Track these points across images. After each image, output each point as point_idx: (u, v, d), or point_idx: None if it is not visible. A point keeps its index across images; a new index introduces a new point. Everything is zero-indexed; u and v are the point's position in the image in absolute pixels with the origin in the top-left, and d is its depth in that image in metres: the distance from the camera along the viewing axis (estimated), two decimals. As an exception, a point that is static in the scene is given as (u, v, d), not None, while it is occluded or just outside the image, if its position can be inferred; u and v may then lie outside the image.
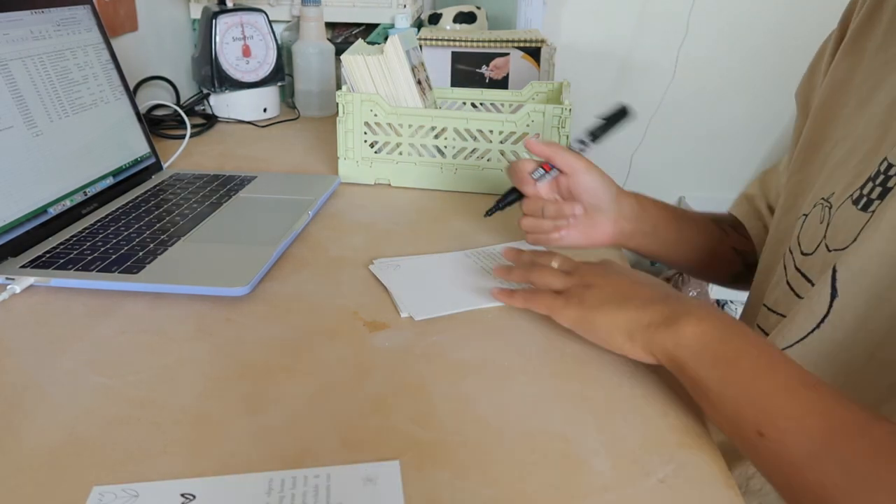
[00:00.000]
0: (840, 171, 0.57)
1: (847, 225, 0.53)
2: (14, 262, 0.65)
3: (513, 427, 0.47)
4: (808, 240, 0.57)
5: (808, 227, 0.58)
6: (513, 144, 0.89)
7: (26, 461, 0.43)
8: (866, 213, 0.51)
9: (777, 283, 0.61)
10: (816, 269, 0.56)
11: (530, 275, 0.60)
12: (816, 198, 0.58)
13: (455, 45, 1.24)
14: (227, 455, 0.44)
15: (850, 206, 0.53)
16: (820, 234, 0.56)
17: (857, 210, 0.52)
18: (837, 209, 0.55)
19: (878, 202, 0.50)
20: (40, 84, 0.75)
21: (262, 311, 0.61)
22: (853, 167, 0.55)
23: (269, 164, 1.02)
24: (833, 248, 0.54)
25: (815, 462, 0.38)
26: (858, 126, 0.57)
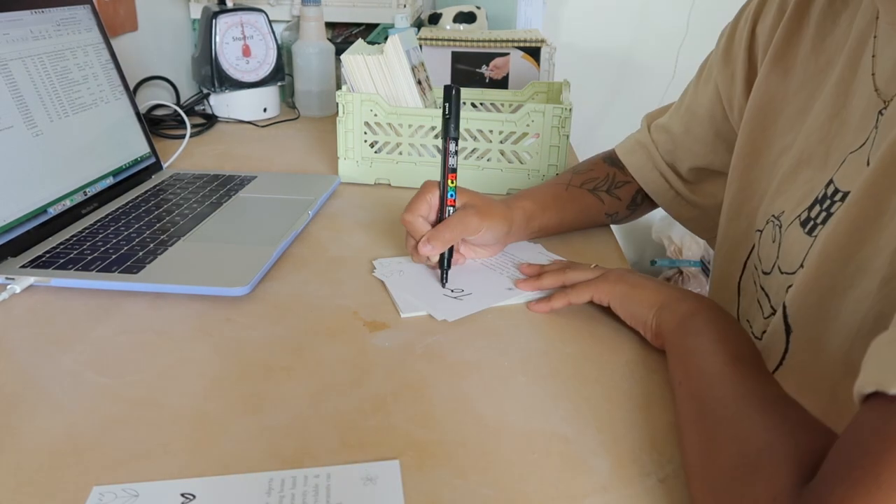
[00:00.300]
0: (789, 189, 0.58)
1: (794, 248, 0.54)
2: (14, 262, 0.65)
3: (513, 427, 0.47)
4: (766, 258, 0.59)
5: (764, 245, 0.60)
6: (513, 144, 0.89)
7: (26, 461, 0.43)
8: (810, 237, 0.52)
9: (751, 301, 0.62)
10: (773, 290, 0.57)
11: (565, 276, 0.63)
12: (767, 213, 0.60)
13: (455, 45, 1.24)
14: (227, 455, 0.44)
15: (797, 227, 0.54)
16: (774, 255, 0.57)
17: (803, 233, 0.53)
18: (787, 229, 0.56)
19: (821, 227, 0.51)
20: (40, 84, 0.75)
21: (262, 311, 0.61)
22: (801, 185, 0.56)
23: (269, 164, 1.02)
24: (784, 270, 0.55)
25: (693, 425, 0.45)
26: (800, 135, 0.58)
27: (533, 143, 0.88)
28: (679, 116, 0.77)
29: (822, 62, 0.58)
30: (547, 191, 0.77)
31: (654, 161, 0.79)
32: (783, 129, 0.61)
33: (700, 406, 0.45)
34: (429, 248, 0.64)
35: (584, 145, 1.30)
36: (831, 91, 0.55)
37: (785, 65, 0.61)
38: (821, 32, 0.58)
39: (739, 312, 0.65)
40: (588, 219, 0.80)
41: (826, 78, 0.57)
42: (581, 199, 0.78)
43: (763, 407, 0.42)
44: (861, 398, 0.34)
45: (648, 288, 0.58)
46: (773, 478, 0.36)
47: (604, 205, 0.79)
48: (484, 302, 0.63)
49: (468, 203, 0.67)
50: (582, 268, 0.64)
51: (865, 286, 0.46)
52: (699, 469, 0.41)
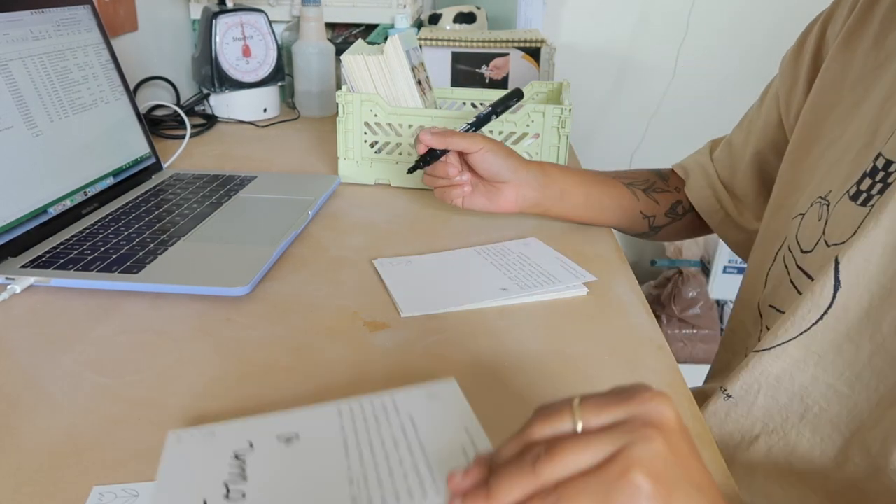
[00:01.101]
0: (835, 170, 0.57)
1: (846, 220, 0.53)
2: (14, 262, 0.65)
3: (513, 427, 0.47)
4: (807, 238, 0.58)
5: (807, 226, 0.58)
6: (513, 144, 0.89)
7: (26, 461, 0.43)
8: (865, 207, 0.51)
9: (780, 284, 0.61)
10: (817, 265, 0.56)
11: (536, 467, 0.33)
12: (813, 196, 0.59)
13: (455, 45, 1.24)
14: (227, 455, 0.44)
15: (847, 202, 0.54)
16: (819, 231, 0.56)
17: (855, 205, 0.53)
18: (835, 206, 0.55)
19: (878, 197, 0.51)
20: (40, 84, 0.75)
21: (262, 311, 0.61)
22: (848, 164, 0.56)
23: (269, 164, 1.02)
24: (832, 242, 0.54)
25: None
26: (852, 126, 0.58)
27: (533, 143, 0.88)
28: (741, 129, 0.77)
29: (881, 58, 0.57)
30: (575, 168, 0.79)
31: (710, 179, 0.78)
32: (835, 122, 0.60)
33: None
34: (428, 135, 0.72)
35: (584, 145, 1.29)
36: (888, 84, 0.55)
37: (845, 59, 0.61)
38: (884, 30, 0.58)
39: (761, 299, 0.65)
40: (620, 209, 0.79)
41: (884, 73, 0.56)
42: (613, 186, 0.78)
43: None
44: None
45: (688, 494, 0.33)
46: None
47: (638, 201, 0.79)
48: (481, 300, 0.63)
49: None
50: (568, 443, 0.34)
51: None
52: None
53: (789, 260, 0.60)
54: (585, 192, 0.76)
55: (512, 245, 0.74)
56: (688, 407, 0.50)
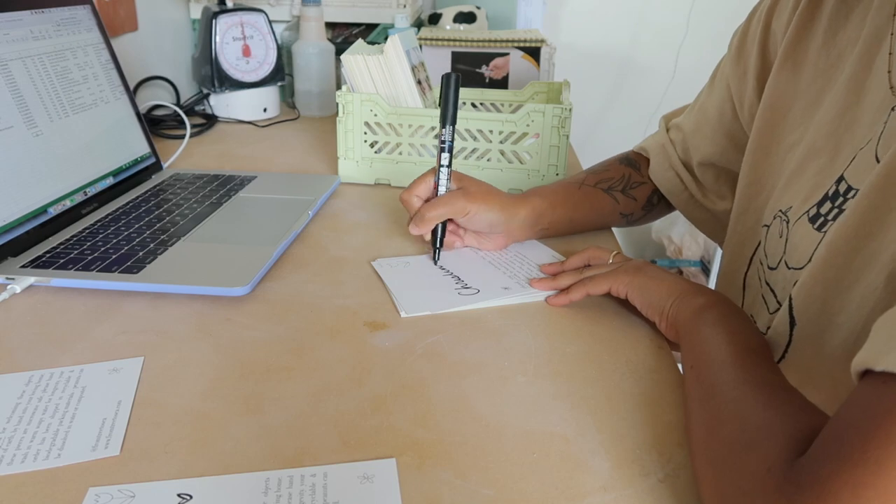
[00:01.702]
0: (797, 183, 0.57)
1: (803, 243, 0.54)
2: (14, 262, 0.65)
3: (513, 427, 0.47)
4: (772, 254, 0.59)
5: (771, 241, 0.59)
6: (513, 144, 0.89)
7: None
8: (820, 233, 0.52)
9: (755, 296, 0.62)
10: (779, 285, 0.57)
11: (582, 274, 0.64)
12: (775, 209, 0.60)
13: (455, 45, 1.24)
14: (226, 455, 0.44)
15: (806, 223, 0.54)
16: (781, 250, 0.57)
17: (812, 229, 0.53)
18: (794, 224, 0.56)
19: (832, 223, 0.51)
20: (40, 84, 0.75)
21: (262, 311, 0.61)
22: (809, 179, 0.56)
23: (269, 164, 1.02)
24: (791, 266, 0.55)
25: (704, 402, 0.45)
26: (809, 130, 0.58)
27: (533, 143, 0.88)
28: (692, 116, 0.77)
29: (833, 57, 0.57)
30: (559, 189, 0.78)
31: (671, 161, 0.79)
32: (793, 124, 0.61)
33: (707, 389, 0.46)
34: (414, 228, 0.69)
35: (584, 145, 1.29)
36: (843, 87, 0.55)
37: (796, 59, 0.61)
38: (833, 27, 0.58)
39: (743, 307, 0.65)
40: (601, 218, 0.80)
41: (837, 73, 0.56)
42: (594, 197, 0.78)
43: (766, 391, 0.43)
44: (857, 377, 0.36)
45: (666, 280, 0.59)
46: (768, 451, 0.37)
47: (618, 204, 0.79)
48: (481, 300, 0.63)
49: (463, 186, 0.70)
50: (601, 261, 0.66)
51: (871, 281, 0.46)
52: (702, 444, 0.43)
53: (761, 272, 0.62)
54: (570, 215, 0.77)
55: (511, 245, 0.74)
56: (688, 407, 0.50)
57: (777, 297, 0.57)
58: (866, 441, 0.32)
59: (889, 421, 0.32)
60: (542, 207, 0.74)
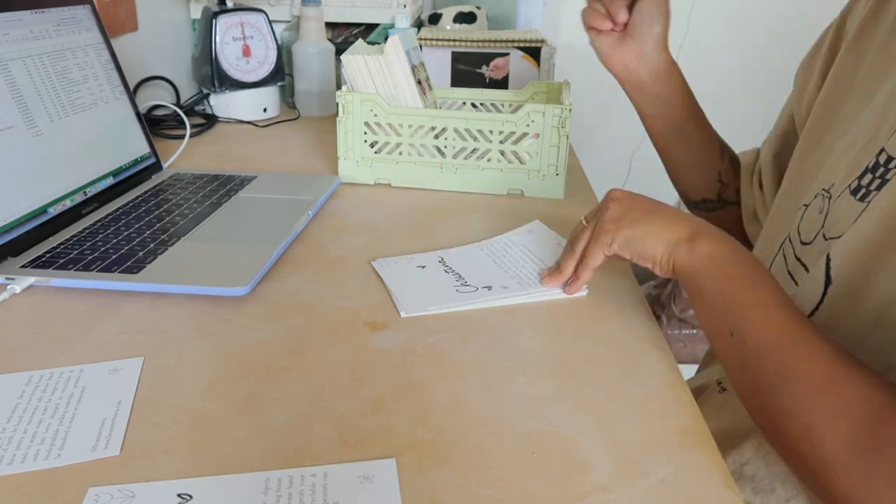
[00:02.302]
0: (841, 163, 0.57)
1: (844, 214, 0.53)
2: (14, 262, 0.65)
3: (512, 427, 0.47)
4: (808, 229, 0.58)
5: (808, 217, 0.59)
6: (513, 144, 0.89)
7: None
8: (863, 203, 0.51)
9: (777, 273, 0.61)
10: (814, 257, 0.56)
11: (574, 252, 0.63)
12: (818, 188, 0.59)
13: (455, 45, 1.24)
14: (226, 455, 0.44)
15: (847, 196, 0.53)
16: (819, 224, 0.56)
17: (854, 200, 0.53)
18: (836, 199, 0.55)
19: (876, 193, 0.51)
20: (40, 84, 0.75)
21: (262, 311, 0.61)
22: (852, 157, 0.56)
23: (269, 164, 1.02)
24: (830, 236, 0.54)
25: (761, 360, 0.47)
26: (860, 119, 0.58)
27: (533, 143, 0.88)
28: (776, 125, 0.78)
29: (893, 49, 0.57)
30: None
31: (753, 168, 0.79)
32: (845, 116, 0.60)
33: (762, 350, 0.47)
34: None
35: (584, 145, 1.29)
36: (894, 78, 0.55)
37: (859, 51, 0.60)
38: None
39: None
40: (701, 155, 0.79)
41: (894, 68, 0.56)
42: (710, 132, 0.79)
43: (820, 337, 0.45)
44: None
45: (650, 224, 0.57)
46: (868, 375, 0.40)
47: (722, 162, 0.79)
48: (480, 298, 0.63)
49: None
50: (581, 230, 0.63)
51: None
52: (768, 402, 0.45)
53: (788, 250, 0.61)
54: (685, 115, 0.77)
55: (516, 236, 0.74)
56: (689, 406, 0.50)
57: (808, 269, 0.57)
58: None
59: None
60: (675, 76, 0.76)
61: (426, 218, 0.83)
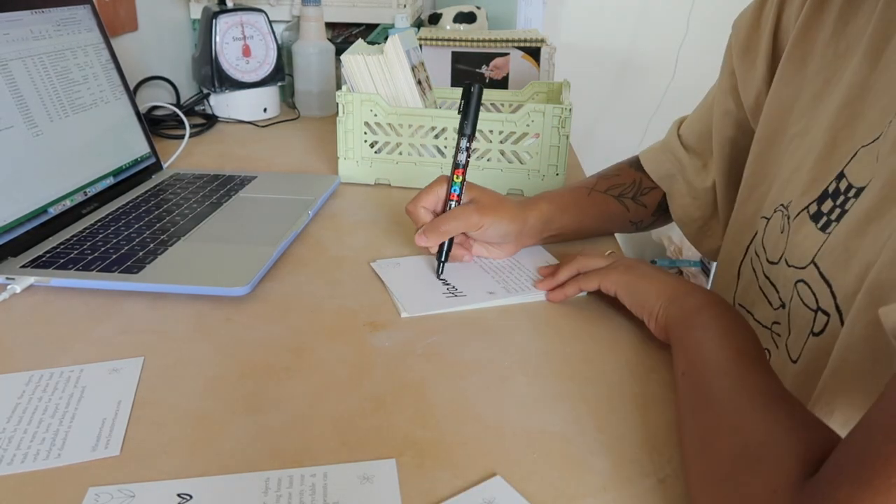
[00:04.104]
0: (796, 176, 0.57)
1: (805, 243, 0.53)
2: (14, 262, 0.65)
3: (513, 427, 0.47)
4: (772, 248, 0.59)
5: (771, 234, 0.59)
6: (513, 144, 0.89)
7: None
8: (824, 233, 0.52)
9: (749, 285, 0.62)
10: (780, 281, 0.57)
11: (578, 264, 0.64)
12: (776, 202, 0.59)
13: (455, 45, 1.24)
14: (226, 455, 0.44)
15: (807, 221, 0.54)
16: (782, 245, 0.57)
17: (815, 228, 0.53)
18: (795, 219, 0.56)
19: (836, 224, 0.51)
20: (40, 84, 0.75)
21: (262, 311, 0.61)
22: (807, 173, 0.56)
23: (269, 164, 1.02)
24: (792, 264, 0.55)
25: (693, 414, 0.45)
26: (812, 122, 0.58)
27: (533, 143, 0.88)
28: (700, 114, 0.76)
29: (841, 49, 0.57)
30: (567, 194, 0.77)
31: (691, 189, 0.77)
32: (797, 115, 0.60)
33: (702, 396, 0.45)
34: (423, 239, 0.66)
35: (584, 145, 1.29)
36: (848, 80, 0.54)
37: (804, 49, 0.60)
38: (843, 18, 0.57)
39: (736, 296, 0.65)
40: (610, 225, 0.79)
41: (844, 65, 0.56)
42: (604, 204, 0.77)
43: (766, 402, 0.42)
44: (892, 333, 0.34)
45: (657, 280, 0.58)
46: (774, 470, 0.36)
47: (628, 212, 0.78)
48: (470, 303, 0.63)
49: (474, 198, 0.68)
50: (595, 256, 0.65)
51: None
52: (698, 459, 0.41)
53: (756, 264, 0.61)
54: (579, 220, 0.75)
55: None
56: (688, 407, 0.50)
57: (780, 293, 0.57)
58: (889, 465, 0.29)
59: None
60: (550, 213, 0.73)
61: (426, 218, 0.83)
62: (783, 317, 0.56)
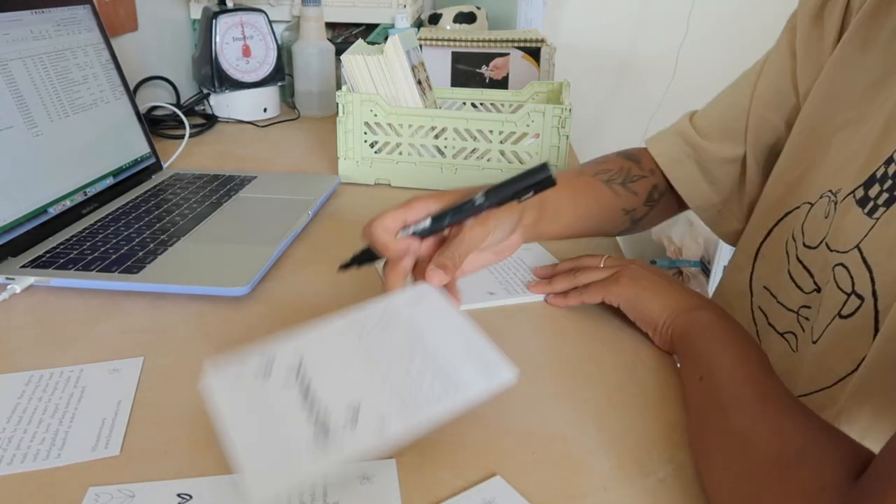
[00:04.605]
0: (849, 165, 0.55)
1: (851, 226, 0.52)
2: (14, 262, 0.65)
3: (513, 427, 0.47)
4: (812, 232, 0.57)
5: (814, 219, 0.57)
6: (513, 144, 0.89)
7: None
8: (871, 218, 0.50)
9: (778, 270, 0.61)
10: (818, 265, 0.56)
11: (576, 279, 0.63)
12: (824, 188, 0.57)
13: (455, 45, 1.24)
14: (226, 455, 0.44)
15: (854, 206, 0.52)
16: (824, 230, 0.55)
17: (862, 213, 0.51)
18: (841, 204, 0.54)
19: (884, 209, 0.50)
20: (40, 84, 0.75)
21: (262, 311, 0.61)
22: (861, 161, 0.54)
23: (269, 164, 1.02)
24: (833, 248, 0.53)
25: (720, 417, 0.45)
26: (871, 111, 0.56)
27: (533, 143, 0.88)
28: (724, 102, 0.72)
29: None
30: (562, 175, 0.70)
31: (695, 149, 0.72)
32: (849, 101, 0.58)
33: (730, 399, 0.45)
34: (440, 275, 0.52)
35: (584, 145, 1.29)
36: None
37: (866, 36, 0.58)
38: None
39: (753, 278, 0.64)
40: (603, 211, 0.73)
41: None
42: (595, 188, 0.72)
43: (797, 410, 0.42)
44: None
45: (661, 293, 0.57)
46: (821, 469, 0.36)
47: (619, 198, 0.73)
48: (473, 302, 0.63)
49: None
50: (593, 266, 0.63)
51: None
52: (730, 459, 0.41)
53: (791, 248, 0.59)
54: (574, 201, 0.70)
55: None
56: (688, 407, 0.50)
57: (815, 278, 0.56)
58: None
59: None
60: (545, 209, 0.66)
61: (426, 218, 0.83)
62: (815, 301, 0.55)
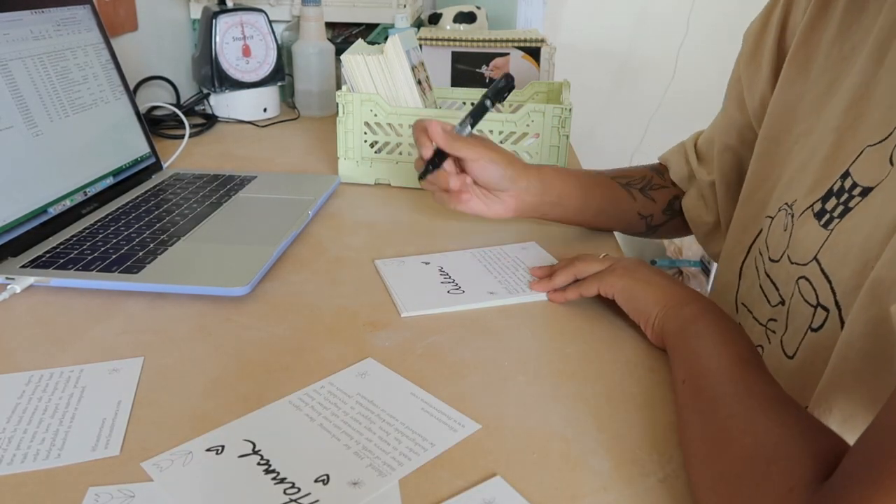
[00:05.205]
0: (802, 176, 0.57)
1: (807, 240, 0.53)
2: (14, 262, 0.65)
3: (513, 427, 0.47)
4: (775, 246, 0.59)
5: (774, 232, 0.59)
6: (513, 144, 0.89)
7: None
8: (826, 230, 0.52)
9: (752, 285, 0.62)
10: (781, 278, 0.57)
11: (576, 269, 0.64)
12: (780, 201, 0.59)
13: (455, 45, 1.24)
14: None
15: (811, 219, 0.54)
16: (784, 244, 0.57)
17: (818, 226, 0.53)
18: (799, 217, 0.55)
19: (838, 221, 0.51)
20: (40, 84, 0.75)
21: (262, 311, 0.61)
22: (813, 172, 0.56)
23: (269, 164, 1.02)
24: (794, 261, 0.55)
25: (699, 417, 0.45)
26: (818, 122, 0.57)
27: (533, 143, 0.88)
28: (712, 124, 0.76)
29: (846, 49, 0.56)
30: (573, 169, 0.77)
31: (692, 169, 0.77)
32: (802, 115, 0.60)
33: (707, 402, 0.45)
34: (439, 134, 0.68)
35: (584, 145, 1.29)
36: (853, 80, 0.54)
37: (808, 50, 0.60)
38: (847, 19, 0.57)
39: (738, 295, 0.65)
40: (617, 211, 0.78)
41: (849, 66, 0.56)
42: (610, 188, 0.77)
43: (775, 406, 0.42)
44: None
45: (654, 286, 0.58)
46: (790, 470, 0.36)
47: (635, 202, 0.77)
48: (471, 302, 0.63)
49: None
50: (592, 259, 0.64)
51: None
52: (710, 459, 0.41)
53: (759, 263, 0.61)
54: (583, 196, 0.75)
55: (510, 250, 0.73)
56: (688, 407, 0.50)
57: (779, 291, 0.57)
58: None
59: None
60: (552, 176, 0.73)
61: (426, 218, 0.83)
62: (781, 313, 0.56)
